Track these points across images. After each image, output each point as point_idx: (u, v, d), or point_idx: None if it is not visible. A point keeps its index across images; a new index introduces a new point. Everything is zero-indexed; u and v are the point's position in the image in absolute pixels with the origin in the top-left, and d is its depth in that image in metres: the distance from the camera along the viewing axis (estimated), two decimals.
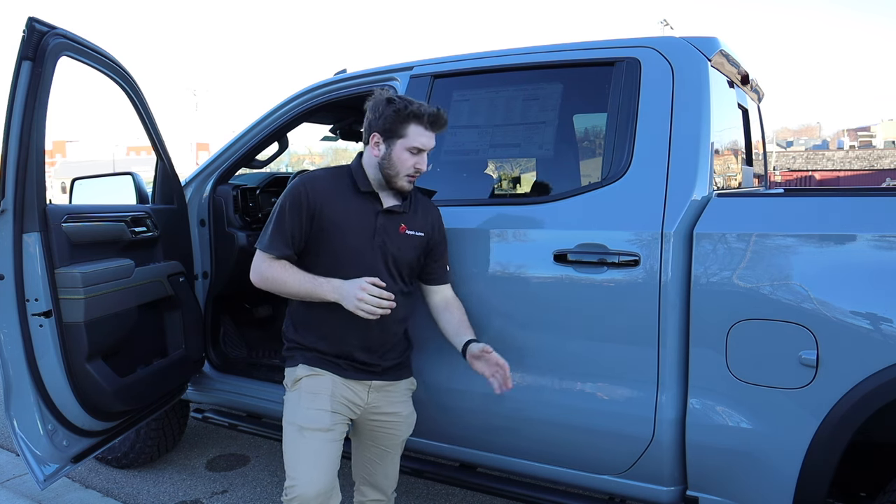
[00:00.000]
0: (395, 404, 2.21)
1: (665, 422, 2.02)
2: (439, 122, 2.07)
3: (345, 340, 2.10)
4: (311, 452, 2.00)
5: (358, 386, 2.13)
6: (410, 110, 2.02)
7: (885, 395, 1.71)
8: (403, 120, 2.03)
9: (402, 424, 2.23)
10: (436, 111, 2.05)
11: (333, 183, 2.12)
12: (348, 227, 2.07)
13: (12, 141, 2.21)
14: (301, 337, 2.14)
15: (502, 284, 2.27)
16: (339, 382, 2.10)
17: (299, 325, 2.16)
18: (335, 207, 2.07)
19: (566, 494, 2.31)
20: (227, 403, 3.14)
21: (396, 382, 2.21)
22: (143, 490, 3.19)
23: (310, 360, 2.11)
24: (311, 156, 42.23)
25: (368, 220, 2.09)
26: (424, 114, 2.03)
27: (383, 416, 2.19)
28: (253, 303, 3.84)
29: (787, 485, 1.87)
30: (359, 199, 2.11)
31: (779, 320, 1.85)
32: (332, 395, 2.07)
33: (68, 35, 2.37)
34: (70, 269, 2.35)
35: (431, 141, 2.07)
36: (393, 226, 2.12)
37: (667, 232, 2.00)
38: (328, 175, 2.17)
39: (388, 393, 2.19)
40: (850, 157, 37.47)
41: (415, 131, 2.04)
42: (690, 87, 2.11)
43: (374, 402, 2.16)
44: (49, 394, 2.37)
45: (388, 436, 2.22)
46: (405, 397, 2.25)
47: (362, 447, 2.26)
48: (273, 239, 2.05)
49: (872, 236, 1.80)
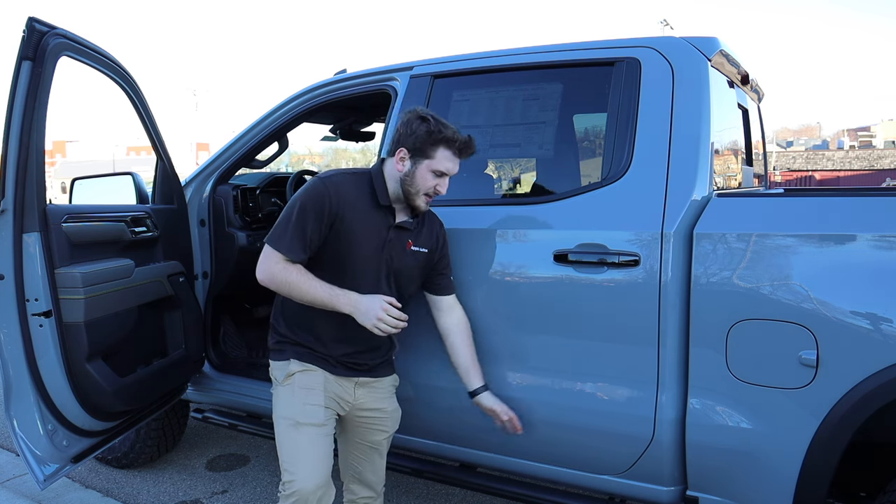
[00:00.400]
0: (381, 400, 2.24)
1: (665, 422, 2.02)
2: (468, 149, 2.07)
3: (337, 340, 2.12)
4: (309, 447, 2.01)
5: (346, 382, 2.15)
6: (444, 135, 2.01)
7: (885, 395, 1.71)
8: (434, 142, 2.02)
9: (388, 420, 2.26)
10: (467, 139, 2.05)
11: (357, 191, 2.08)
12: (362, 238, 2.06)
13: (12, 141, 2.21)
14: (293, 333, 2.14)
15: (502, 284, 2.27)
16: (331, 379, 2.12)
17: (291, 321, 2.15)
18: (355, 216, 2.06)
19: (566, 494, 2.31)
20: (227, 403, 3.14)
21: (381, 379, 2.24)
22: (143, 490, 3.19)
23: (301, 356, 2.12)
24: (311, 156, 42.23)
25: (380, 233, 2.09)
26: (456, 140, 2.03)
27: (370, 412, 2.21)
28: (253, 303, 3.84)
29: (787, 485, 1.87)
30: (376, 210, 2.10)
31: (779, 320, 1.85)
32: (325, 391, 2.09)
33: (68, 35, 2.37)
34: (70, 269, 2.35)
35: (456, 167, 2.07)
36: (401, 241, 2.13)
37: (667, 232, 2.00)
38: (351, 182, 2.10)
39: (373, 389, 2.21)
40: (850, 157, 37.47)
41: (443, 155, 2.03)
42: (690, 87, 2.11)
43: (360, 398, 2.19)
44: (49, 394, 2.38)
45: (374, 431, 2.24)
46: (389, 393, 2.28)
47: (350, 445, 2.28)
48: (293, 241, 2.00)
49: (872, 236, 1.80)
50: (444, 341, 2.25)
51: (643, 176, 2.09)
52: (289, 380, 2.11)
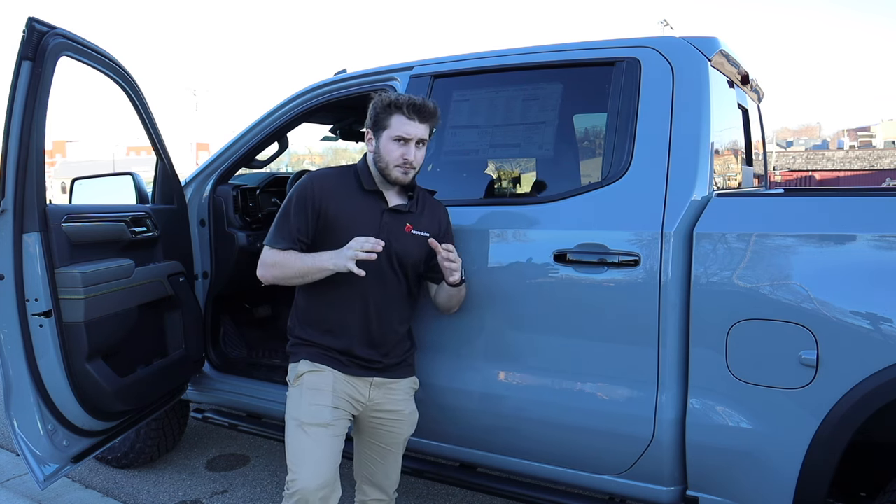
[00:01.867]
0: (397, 402, 2.21)
1: (665, 422, 2.02)
2: (421, 111, 2.06)
3: (347, 333, 2.12)
4: (312, 447, 2.01)
5: (359, 382, 2.14)
6: (390, 101, 2.06)
7: (885, 395, 1.71)
8: (386, 112, 2.07)
9: (403, 423, 2.23)
10: (418, 100, 2.07)
11: (340, 181, 2.15)
12: (353, 225, 2.07)
13: (12, 141, 2.21)
14: (305, 333, 2.16)
15: (502, 284, 2.27)
16: (341, 378, 2.11)
17: (303, 321, 2.18)
18: (341, 205, 2.10)
19: (566, 494, 2.31)
20: (227, 403, 3.14)
21: (398, 380, 2.21)
22: (143, 490, 3.19)
23: (312, 356, 2.13)
24: (311, 156, 42.22)
25: (374, 219, 2.11)
26: (403, 104, 2.05)
27: (385, 413, 2.19)
28: (253, 303, 3.84)
29: (787, 485, 1.87)
30: (365, 197, 2.13)
31: (779, 320, 1.84)
32: (334, 391, 2.09)
33: (68, 35, 2.37)
34: (70, 269, 2.35)
35: (417, 130, 2.07)
36: (398, 225, 2.13)
37: (667, 232, 2.00)
38: (335, 173, 2.20)
39: (389, 391, 2.19)
40: (850, 157, 37.47)
41: (397, 121, 2.06)
42: (690, 87, 2.11)
43: (375, 399, 2.17)
44: (49, 394, 2.38)
45: (389, 434, 2.22)
46: (407, 396, 2.25)
47: (363, 445, 2.27)
48: (279, 233, 2.10)
49: (872, 236, 1.80)
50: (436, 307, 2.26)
51: (643, 176, 2.09)
52: (298, 380, 2.12)
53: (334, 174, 2.20)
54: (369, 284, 2.08)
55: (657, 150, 2.09)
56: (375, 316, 2.12)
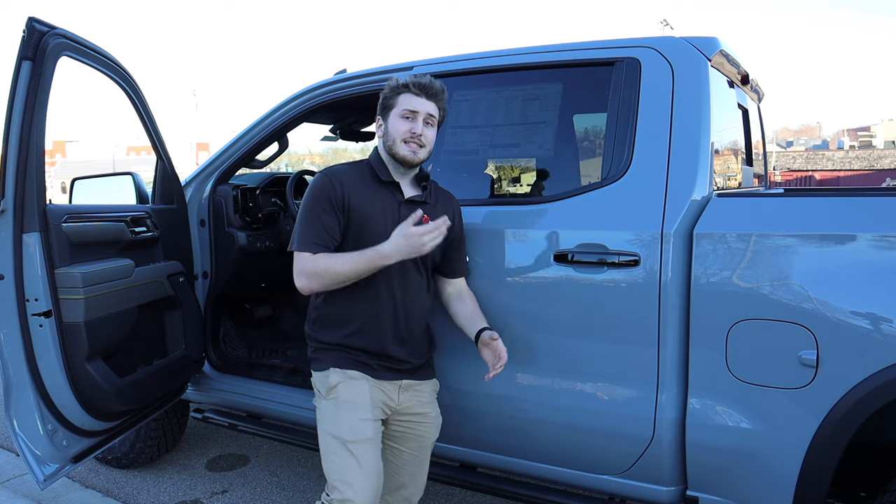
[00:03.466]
0: (425, 405, 2.18)
1: (665, 422, 2.02)
2: (427, 89, 2.07)
3: (381, 331, 2.06)
4: (360, 464, 1.96)
5: (390, 386, 2.10)
6: (397, 83, 2.07)
7: (885, 395, 1.71)
8: (393, 94, 2.08)
9: (430, 426, 2.20)
10: (423, 79, 2.07)
11: (356, 174, 2.10)
12: (374, 219, 2.04)
13: (12, 141, 2.21)
14: (329, 336, 2.09)
15: (502, 284, 2.27)
16: (374, 385, 2.06)
17: (326, 324, 2.10)
18: (361, 198, 2.05)
19: (566, 494, 2.31)
20: (227, 403, 3.14)
21: (424, 382, 2.19)
22: (143, 490, 3.19)
23: (339, 363, 2.06)
24: (311, 156, 42.26)
25: (392, 211, 2.07)
26: (409, 83, 2.06)
27: (413, 416, 2.16)
28: (253, 303, 3.84)
29: (787, 485, 1.87)
30: (381, 189, 2.09)
31: (779, 320, 1.84)
32: (372, 401, 2.03)
33: (68, 35, 2.37)
34: (70, 270, 2.35)
35: (425, 105, 2.07)
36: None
37: (667, 232, 2.00)
38: (350, 168, 2.14)
39: (417, 392, 2.16)
40: (850, 157, 37.45)
41: (404, 99, 2.06)
42: (690, 87, 2.11)
43: (405, 402, 2.13)
44: (49, 394, 2.38)
45: (416, 437, 2.18)
46: (432, 398, 2.23)
47: (388, 453, 2.19)
48: (309, 237, 1.99)
49: (872, 236, 1.80)
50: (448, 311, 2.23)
51: (643, 176, 2.09)
52: (332, 393, 2.04)
53: (349, 168, 2.12)
54: (394, 278, 2.04)
55: (657, 150, 2.09)
56: (403, 311, 2.07)
